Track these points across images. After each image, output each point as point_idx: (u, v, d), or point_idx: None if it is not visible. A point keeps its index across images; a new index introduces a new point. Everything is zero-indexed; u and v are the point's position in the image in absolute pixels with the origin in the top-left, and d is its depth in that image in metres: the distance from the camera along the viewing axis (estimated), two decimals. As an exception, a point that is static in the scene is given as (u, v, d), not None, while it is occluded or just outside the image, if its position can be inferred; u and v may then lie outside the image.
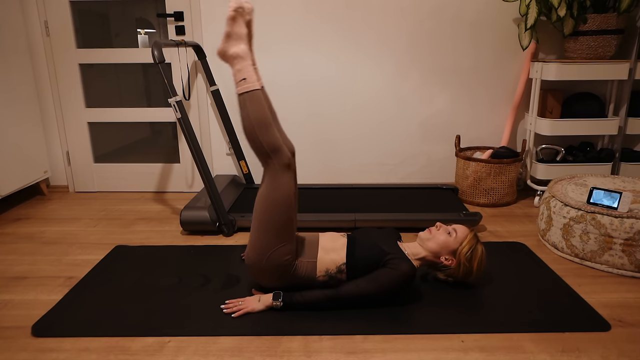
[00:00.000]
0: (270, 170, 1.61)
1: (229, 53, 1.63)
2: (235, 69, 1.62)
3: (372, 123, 3.06)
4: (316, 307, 1.62)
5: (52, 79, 2.96)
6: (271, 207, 1.60)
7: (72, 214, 2.71)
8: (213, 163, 3.13)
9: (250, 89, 1.59)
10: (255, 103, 1.58)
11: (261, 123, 1.58)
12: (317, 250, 1.69)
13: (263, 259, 1.62)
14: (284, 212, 1.60)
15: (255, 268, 1.65)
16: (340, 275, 1.66)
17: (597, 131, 2.71)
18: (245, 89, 1.59)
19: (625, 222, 1.85)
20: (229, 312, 1.62)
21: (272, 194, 1.60)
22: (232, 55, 1.62)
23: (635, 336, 1.49)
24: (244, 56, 1.62)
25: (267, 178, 1.62)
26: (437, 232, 1.72)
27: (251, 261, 1.65)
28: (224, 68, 2.95)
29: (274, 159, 1.60)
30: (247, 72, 1.60)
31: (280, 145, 1.60)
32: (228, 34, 1.62)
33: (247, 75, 1.59)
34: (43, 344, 1.47)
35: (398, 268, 1.58)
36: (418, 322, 1.56)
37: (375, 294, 1.58)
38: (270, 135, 1.59)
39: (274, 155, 1.60)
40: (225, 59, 1.65)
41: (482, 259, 1.70)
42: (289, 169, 1.61)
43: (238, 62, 1.61)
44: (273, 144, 1.59)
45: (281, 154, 1.60)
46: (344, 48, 2.92)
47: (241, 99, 1.59)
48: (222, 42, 1.64)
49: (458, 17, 2.85)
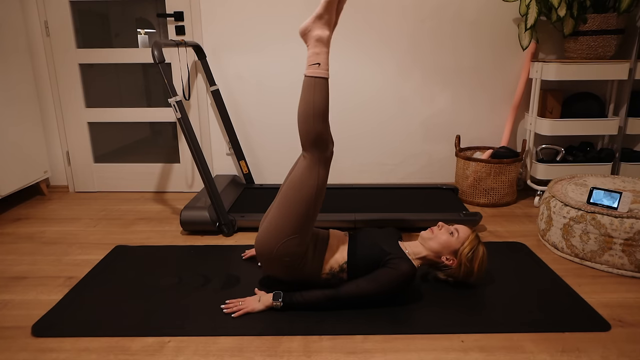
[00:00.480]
0: (310, 159, 1.60)
1: (313, 33, 1.60)
2: (313, 52, 1.60)
3: (372, 123, 3.06)
4: (316, 307, 1.62)
5: (52, 78, 2.97)
6: (300, 195, 1.59)
7: (72, 214, 2.71)
8: (213, 163, 3.13)
9: (322, 75, 1.59)
10: (321, 90, 1.58)
11: (320, 111, 1.58)
12: (325, 248, 1.69)
13: (275, 246, 1.61)
14: (310, 204, 1.60)
15: (264, 254, 1.64)
16: (342, 275, 1.66)
17: (597, 131, 2.71)
18: (317, 74, 1.58)
19: (625, 222, 1.85)
20: (229, 312, 1.62)
21: (305, 182, 1.59)
22: (316, 37, 1.60)
23: (635, 336, 1.49)
24: (326, 42, 1.61)
25: (303, 167, 1.61)
26: (439, 231, 1.72)
27: (262, 246, 1.64)
28: (224, 68, 2.95)
29: (320, 150, 1.60)
30: (323, 59, 1.60)
31: (329, 139, 1.61)
32: (320, 16, 1.60)
33: (322, 61, 1.59)
34: (43, 344, 1.47)
35: (398, 268, 1.58)
36: (418, 322, 1.56)
37: (376, 293, 1.58)
38: (325, 126, 1.59)
39: (320, 147, 1.60)
40: (306, 38, 1.63)
41: (483, 260, 1.70)
42: (327, 165, 1.62)
43: (319, 45, 1.60)
44: (325, 136, 1.59)
45: (328, 148, 1.61)
46: (344, 47, 2.92)
47: (310, 81, 1.58)
48: (310, 20, 1.61)
49: (458, 17, 2.85)
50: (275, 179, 3.17)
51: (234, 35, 2.89)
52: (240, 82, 2.98)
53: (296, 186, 1.60)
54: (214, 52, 2.92)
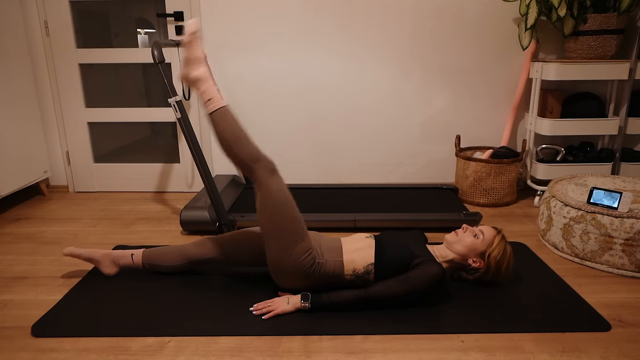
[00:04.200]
0: (258, 179, 1.63)
1: (191, 77, 1.68)
2: (200, 92, 1.67)
3: (372, 123, 3.06)
4: (345, 308, 1.61)
5: (52, 78, 2.96)
6: (273, 212, 1.61)
7: (72, 214, 2.71)
8: (213, 163, 3.13)
9: (218, 106, 1.64)
10: (226, 119, 1.63)
11: (236, 137, 1.62)
12: (341, 250, 1.69)
13: (284, 263, 1.62)
14: (287, 211, 1.61)
15: (280, 274, 1.65)
16: (368, 276, 1.66)
17: (597, 131, 2.71)
18: (214, 108, 1.64)
19: (625, 222, 1.85)
20: (259, 315, 1.61)
21: (269, 200, 1.61)
22: (195, 79, 1.67)
23: (635, 336, 1.49)
24: (205, 78, 1.67)
25: (258, 188, 1.64)
26: (464, 234, 1.72)
27: (274, 268, 1.65)
28: (224, 68, 2.95)
29: (258, 168, 1.62)
30: (211, 93, 1.66)
31: (259, 154, 1.64)
32: (187, 59, 1.67)
33: (212, 95, 1.65)
34: (43, 344, 1.47)
35: (428, 270, 1.58)
36: (418, 322, 1.56)
37: (405, 295, 1.57)
38: (248, 146, 1.63)
39: (256, 165, 1.62)
40: (189, 82, 1.70)
41: (510, 260, 1.71)
42: (274, 173, 1.64)
43: (201, 84, 1.67)
44: (253, 154, 1.62)
45: (263, 161, 1.63)
46: (344, 48, 2.91)
47: (212, 117, 1.64)
48: (182, 66, 1.69)
49: (458, 17, 2.85)
50: (275, 179, 3.16)
51: (234, 35, 2.89)
52: (240, 82, 2.98)
53: (267, 207, 1.62)
54: (213, 52, 2.92)
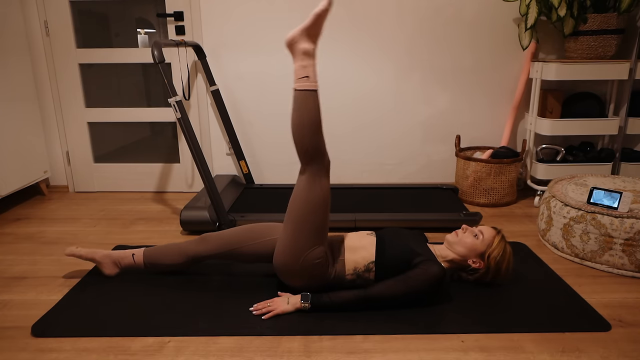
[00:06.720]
0: (310, 172, 1.61)
1: (300, 46, 1.59)
2: (300, 65, 1.59)
3: (373, 123, 3.06)
4: (345, 308, 1.61)
5: (52, 78, 2.96)
6: (309, 209, 1.60)
7: (72, 214, 2.71)
8: (213, 163, 3.13)
9: (312, 87, 1.58)
10: (313, 102, 1.58)
11: (313, 123, 1.57)
12: (342, 248, 1.69)
13: (298, 262, 1.61)
14: (321, 214, 1.61)
15: (287, 271, 1.65)
16: (368, 275, 1.66)
17: (597, 131, 2.71)
18: (307, 87, 1.58)
19: (625, 222, 1.85)
20: (259, 315, 1.60)
21: (310, 195, 1.60)
22: (302, 50, 1.59)
23: (635, 336, 1.49)
24: (312, 54, 1.61)
25: (305, 180, 1.61)
26: (464, 234, 1.72)
27: (283, 264, 1.64)
28: (224, 68, 2.95)
29: (317, 162, 1.60)
30: (311, 71, 1.59)
31: (325, 150, 1.61)
32: (308, 29, 1.58)
33: (310, 74, 1.59)
34: (43, 344, 1.47)
35: (428, 270, 1.57)
36: (418, 322, 1.56)
37: (405, 295, 1.57)
38: (320, 138, 1.59)
39: (317, 159, 1.60)
40: (292, 49, 1.61)
41: (510, 260, 1.71)
42: (328, 174, 1.63)
43: (305, 58, 1.60)
44: (321, 147, 1.60)
45: (326, 158, 1.61)
46: (344, 48, 2.91)
47: (300, 95, 1.58)
48: (297, 32, 1.59)
49: (458, 17, 2.85)
50: (275, 179, 3.17)
51: (234, 35, 2.89)
52: (240, 82, 2.98)
53: (306, 201, 1.60)
54: (214, 52, 2.92)
